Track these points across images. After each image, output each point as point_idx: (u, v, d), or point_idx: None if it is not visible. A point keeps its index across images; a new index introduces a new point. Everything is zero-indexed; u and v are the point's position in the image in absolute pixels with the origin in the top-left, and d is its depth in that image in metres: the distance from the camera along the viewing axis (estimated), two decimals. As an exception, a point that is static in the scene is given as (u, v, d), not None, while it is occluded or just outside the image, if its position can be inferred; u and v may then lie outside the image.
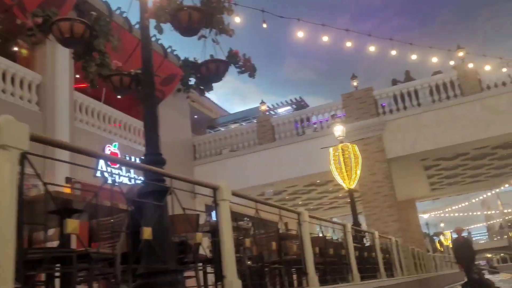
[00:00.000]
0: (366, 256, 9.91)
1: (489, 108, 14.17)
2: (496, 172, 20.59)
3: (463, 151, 16.36)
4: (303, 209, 6.76)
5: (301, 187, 18.96)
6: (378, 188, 14.83)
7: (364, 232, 10.70)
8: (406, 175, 18.57)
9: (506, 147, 16.53)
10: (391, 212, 14.53)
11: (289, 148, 16.26)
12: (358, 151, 12.01)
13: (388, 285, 9.56)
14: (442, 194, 24.56)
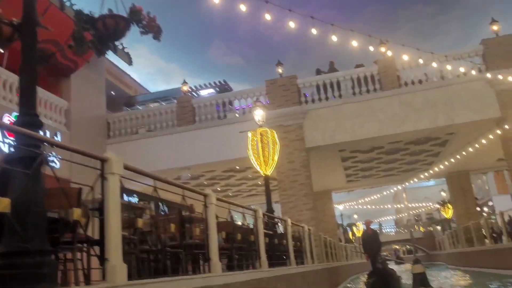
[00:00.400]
0: (277, 243, 9.70)
1: (406, 104, 14.58)
2: (407, 167, 21.54)
3: (379, 144, 16.81)
4: (211, 191, 6.30)
5: (220, 173, 18.56)
6: (295, 176, 14.79)
7: (277, 219, 10.51)
8: (324, 165, 18.81)
9: (418, 143, 17.23)
10: (306, 201, 14.56)
11: (209, 131, 15.74)
12: (277, 138, 11.77)
13: (297, 272, 9.43)
14: (357, 186, 25.37)
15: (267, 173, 11.06)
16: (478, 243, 19.70)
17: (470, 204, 23.24)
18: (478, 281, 15.51)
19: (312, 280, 11.05)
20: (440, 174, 23.33)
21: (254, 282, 6.38)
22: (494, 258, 16.77)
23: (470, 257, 20.89)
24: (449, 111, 14.23)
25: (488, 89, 14.13)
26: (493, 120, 14.03)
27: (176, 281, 4.24)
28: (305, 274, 10.26)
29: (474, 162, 21.59)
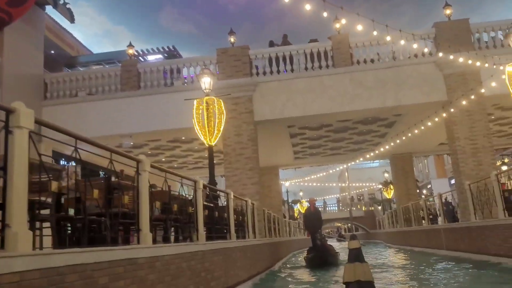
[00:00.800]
0: (217, 217, 9.34)
1: (357, 82, 14.49)
2: (354, 147, 21.74)
3: (328, 122, 16.74)
4: (144, 157, 5.79)
5: (165, 143, 17.91)
6: (242, 149, 14.45)
7: (219, 191, 10.13)
8: (272, 141, 18.59)
9: (366, 123, 17.31)
10: (252, 175, 14.28)
11: (154, 98, 15.03)
12: (224, 107, 11.30)
13: (236, 246, 9.14)
14: (304, 164, 25.46)
15: (211, 143, 10.62)
16: (416, 223, 20.33)
17: (411, 185, 23.93)
18: (411, 257, 16.01)
19: (252, 255, 10.84)
20: (385, 155, 23.78)
21: (187, 255, 5.99)
22: (429, 237, 17.32)
23: (408, 237, 21.59)
24: (398, 92, 14.28)
25: (437, 72, 14.27)
26: (440, 104, 14.22)
27: (92, 252, 3.76)
28: (245, 248, 10.01)
29: (417, 145, 22.12)
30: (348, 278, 2.11)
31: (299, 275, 13.31)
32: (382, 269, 12.44)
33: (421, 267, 12.49)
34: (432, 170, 47.80)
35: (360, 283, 2.01)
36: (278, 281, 11.35)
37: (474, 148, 13.64)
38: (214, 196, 9.70)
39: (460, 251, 13.54)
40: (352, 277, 2.09)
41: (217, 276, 7.32)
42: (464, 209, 13.70)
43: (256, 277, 10.75)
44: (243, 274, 9.38)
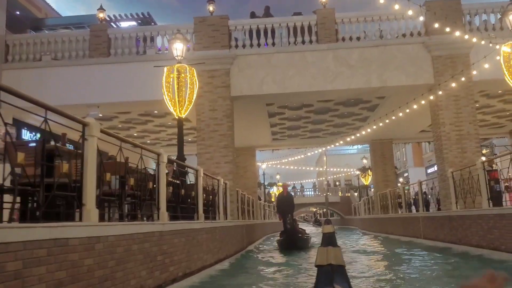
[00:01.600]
0: (184, 195, 8.53)
1: (340, 60, 13.72)
2: (333, 130, 21.07)
3: (309, 102, 15.97)
4: (93, 120, 4.91)
5: (136, 116, 16.89)
6: (216, 126, 13.60)
7: (188, 168, 9.31)
8: (250, 119, 17.77)
9: (348, 105, 16.60)
10: (226, 153, 13.47)
11: (124, 67, 14.01)
12: (197, 77, 10.37)
13: (202, 228, 8.37)
14: (282, 146, 24.72)
15: (181, 115, 9.73)
16: (393, 210, 19.91)
17: (390, 172, 23.48)
18: (386, 244, 15.52)
19: (222, 237, 10.09)
20: (365, 140, 23.21)
21: (139, 237, 5.17)
22: (407, 225, 16.88)
23: (384, 224, 21.19)
24: (383, 72, 13.58)
25: (424, 54, 13.60)
26: (426, 87, 13.56)
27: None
28: (214, 230, 9.24)
29: (398, 132, 21.60)
30: (321, 261, 2.12)
31: (270, 258, 12.78)
32: (357, 255, 11.90)
33: (396, 255, 11.99)
34: (410, 158, 47.75)
35: (331, 266, 2.06)
36: (248, 265, 10.65)
37: (459, 135, 13.09)
38: (181, 172, 8.88)
39: (438, 240, 13.07)
40: (325, 260, 2.10)
41: (178, 260, 6.53)
42: (445, 198, 13.19)
43: (225, 261, 10.03)
44: (210, 258, 8.63)
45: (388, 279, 7.66)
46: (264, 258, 12.70)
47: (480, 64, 12.51)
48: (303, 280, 7.79)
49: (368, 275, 8.12)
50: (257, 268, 10.11)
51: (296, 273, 8.97)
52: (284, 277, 8.55)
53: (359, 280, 7.40)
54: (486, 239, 9.65)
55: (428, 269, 8.68)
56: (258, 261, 11.88)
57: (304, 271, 8.96)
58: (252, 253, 13.94)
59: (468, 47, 13.21)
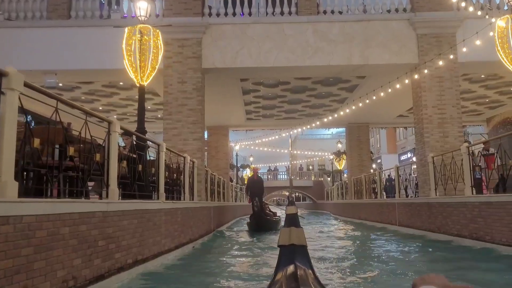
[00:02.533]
0: (142, 171, 7.56)
1: (321, 34, 12.83)
2: (310, 112, 20.27)
3: (285, 78, 15.07)
4: (12, 68, 3.88)
5: (100, 87, 15.69)
6: (185, 99, 12.58)
7: (148, 141, 8.32)
8: (223, 96, 16.77)
9: (327, 84, 15.78)
10: (195, 129, 12.50)
11: (86, 31, 12.78)
12: (163, 44, 9.29)
13: (161, 208, 7.44)
14: (256, 126, 23.80)
15: (142, 83, 8.69)
16: (367, 195, 19.38)
17: (365, 157, 22.92)
18: (358, 229, 14.94)
19: (185, 219, 9.19)
20: (341, 122, 22.53)
21: (73, 217, 4.21)
22: (381, 211, 16.34)
23: (357, 209, 20.67)
24: (365, 49, 12.76)
25: (409, 31, 12.83)
26: (409, 66, 12.81)
27: None
28: (175, 211, 8.32)
29: (375, 116, 21.00)
30: (283, 241, 2.03)
31: (236, 240, 12.21)
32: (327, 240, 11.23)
33: (367, 241, 11.36)
34: (384, 145, 47.63)
35: (294, 246, 1.97)
36: (211, 249, 9.82)
37: (441, 118, 12.44)
38: (140, 146, 7.90)
39: (415, 228, 12.50)
40: (287, 240, 2.01)
41: (126, 246, 5.61)
42: (423, 184, 12.59)
43: (187, 245, 9.15)
44: (169, 243, 7.73)
45: (352, 263, 7.14)
46: (230, 241, 11.97)
47: (467, 43, 11.80)
48: (265, 261, 7.73)
49: (335, 258, 7.65)
50: (220, 252, 9.41)
51: (260, 253, 8.88)
52: (248, 259, 8.32)
53: (324, 263, 7.19)
54: (468, 228, 9.04)
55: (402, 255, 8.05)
56: (223, 244, 11.13)
57: (268, 251, 9.03)
58: (219, 236, 13.13)
59: (455, 26, 12.52)
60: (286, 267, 1.92)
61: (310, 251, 2.19)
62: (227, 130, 23.18)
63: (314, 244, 10.32)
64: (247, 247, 10.60)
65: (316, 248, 9.29)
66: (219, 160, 22.69)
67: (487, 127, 22.31)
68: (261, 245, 10.84)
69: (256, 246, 10.88)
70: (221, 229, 15.10)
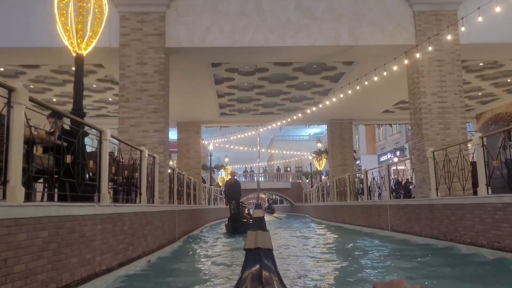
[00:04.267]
0: (73, 165, 5.62)
1: (304, 9, 11.10)
2: (290, 105, 18.52)
3: (263, 64, 13.26)
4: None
5: (48, 72, 13.59)
6: (145, 84, 10.64)
7: (86, 126, 6.38)
8: (193, 86, 14.89)
9: (309, 71, 14.04)
10: (156, 119, 10.57)
11: (22, 3, 10.70)
12: (107, 3, 7.32)
13: (99, 214, 5.51)
14: (231, 122, 21.85)
15: (80, 51, 6.72)
16: (352, 197, 17.74)
17: (348, 156, 21.32)
18: (338, 234, 13.23)
19: (134, 228, 7.25)
20: (323, 118, 20.87)
21: None
22: (369, 215, 14.67)
23: (341, 212, 18.97)
24: (355, 28, 11.08)
25: (405, 8, 11.21)
26: (404, 49, 11.13)
27: None
28: (120, 217, 6.38)
29: (359, 111, 19.46)
30: (249, 245, 2.04)
31: (206, 248, 10.32)
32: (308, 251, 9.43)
33: (360, 250, 9.60)
34: (363, 145, 46.38)
35: (259, 250, 1.99)
36: (174, 262, 7.92)
37: (442, 108, 10.84)
38: (69, 132, 5.96)
39: (412, 234, 10.84)
40: (253, 244, 2.02)
41: (25, 272, 3.67)
42: (421, 183, 10.95)
43: (139, 260, 7.22)
44: (109, 260, 5.79)
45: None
46: (195, 251, 10.03)
47: (469, 22, 10.23)
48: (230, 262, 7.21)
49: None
50: (181, 266, 7.52)
51: (226, 266, 7.62)
52: (213, 271, 6.96)
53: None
54: (488, 236, 7.37)
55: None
56: (188, 255, 9.25)
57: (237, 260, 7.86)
58: (185, 245, 11.18)
59: (456, 2, 10.95)
60: (252, 270, 1.88)
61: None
62: (199, 127, 21.24)
63: (290, 257, 8.58)
64: (214, 258, 8.92)
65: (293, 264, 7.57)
66: (190, 159, 20.75)
67: (477, 124, 20.99)
68: (229, 254, 9.49)
69: (224, 255, 9.35)
70: (190, 236, 13.14)
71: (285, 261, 7.97)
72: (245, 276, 1.88)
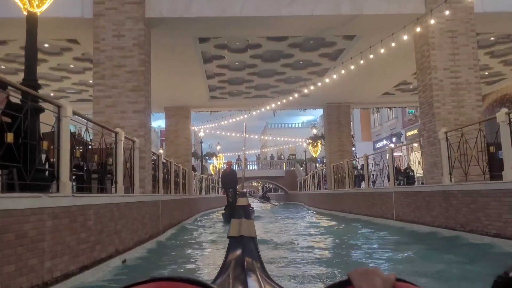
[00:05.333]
0: (16, 144, 4.47)
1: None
2: (284, 87, 17.33)
3: (255, 39, 12.05)
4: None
5: (17, 50, 12.26)
6: (123, 59, 9.43)
7: (38, 99, 5.20)
8: (179, 65, 13.69)
9: (306, 48, 12.86)
10: (136, 98, 9.38)
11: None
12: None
13: (54, 207, 4.37)
14: (221, 107, 20.65)
15: (33, 9, 5.48)
16: (351, 184, 16.70)
17: (346, 141, 20.23)
18: (338, 223, 12.19)
19: (103, 222, 6.10)
20: (319, 102, 19.74)
21: None
22: (371, 203, 13.62)
23: (339, 200, 17.92)
24: (358, -5, 9.91)
25: (413, -28, 10.04)
26: (411, 18, 9.95)
27: None
28: (81, 211, 5.22)
29: (357, 93, 18.38)
30: (233, 233, 2.01)
31: (191, 241, 9.19)
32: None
33: (367, 243, 8.54)
34: (358, 132, 45.38)
35: (243, 238, 1.98)
36: (154, 261, 6.81)
37: (455, 84, 9.74)
38: (15, 106, 4.80)
39: (421, 223, 9.79)
40: (237, 232, 2.00)
41: None
42: (432, 167, 9.88)
43: (112, 260, 6.08)
44: (66, 264, 4.64)
45: None
46: (179, 246, 8.90)
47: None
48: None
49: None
50: (162, 264, 6.40)
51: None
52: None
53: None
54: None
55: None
56: (171, 250, 8.15)
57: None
58: (170, 239, 10.03)
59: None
60: (234, 257, 1.89)
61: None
62: (188, 112, 20.03)
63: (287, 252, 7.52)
64: (200, 249, 8.17)
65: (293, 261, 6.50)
66: (178, 146, 19.58)
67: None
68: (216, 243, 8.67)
69: (210, 248, 8.37)
70: (176, 228, 12.01)
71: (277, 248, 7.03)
72: (228, 263, 1.89)
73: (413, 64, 11.00)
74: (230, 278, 1.75)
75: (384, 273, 0.80)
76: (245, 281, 1.68)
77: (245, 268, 1.80)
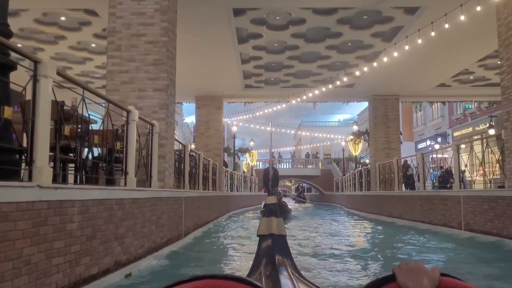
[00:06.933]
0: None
1: None
2: (327, 75, 15.47)
3: (299, 12, 10.32)
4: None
5: (31, 23, 10.99)
6: (143, 26, 7.90)
7: (9, 50, 3.68)
8: (211, 44, 12.12)
9: (357, 25, 11.05)
10: (157, 75, 7.82)
11: None
12: None
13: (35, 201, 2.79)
14: (256, 97, 18.97)
15: None
16: (399, 186, 14.75)
17: (393, 138, 18.22)
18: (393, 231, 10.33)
19: (96, 225, 4.55)
20: (364, 93, 17.83)
21: None
22: (429, 208, 11.67)
23: (385, 204, 15.96)
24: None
25: None
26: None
27: None
28: (63, 207, 3.67)
29: (408, 84, 16.46)
30: (262, 231, 2.00)
31: (219, 250, 7.47)
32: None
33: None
34: (399, 131, 42.89)
35: (273, 236, 1.95)
36: (166, 275, 5.25)
37: (552, 62, 7.76)
38: None
39: (504, 236, 7.86)
40: (266, 230, 1.98)
41: None
42: (519, 167, 7.92)
43: (113, 273, 4.53)
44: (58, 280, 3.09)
45: None
46: (200, 255, 7.27)
47: None
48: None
49: None
50: None
51: None
52: None
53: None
54: None
55: None
56: (192, 260, 6.52)
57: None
58: (193, 243, 8.44)
59: None
60: (265, 256, 1.87)
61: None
62: (221, 102, 18.48)
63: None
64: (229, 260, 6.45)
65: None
66: (209, 139, 18.07)
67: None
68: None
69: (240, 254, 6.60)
70: (202, 230, 10.44)
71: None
72: (259, 261, 1.84)
73: (482, 46, 9.10)
74: (263, 277, 1.70)
75: (428, 269, 0.81)
76: (277, 279, 1.59)
77: (276, 266, 1.77)
